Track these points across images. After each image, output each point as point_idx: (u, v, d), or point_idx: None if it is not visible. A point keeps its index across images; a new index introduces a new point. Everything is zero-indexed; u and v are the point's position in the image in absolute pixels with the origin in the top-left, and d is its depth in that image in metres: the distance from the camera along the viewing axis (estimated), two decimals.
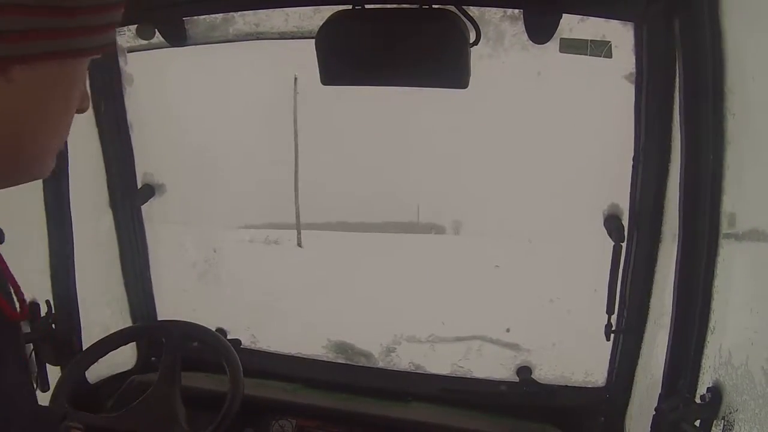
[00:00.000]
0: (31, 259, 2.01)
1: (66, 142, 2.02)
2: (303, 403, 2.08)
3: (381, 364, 2.28)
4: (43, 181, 1.95)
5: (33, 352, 1.97)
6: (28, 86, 0.70)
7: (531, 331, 2.11)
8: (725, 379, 1.39)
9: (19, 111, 0.70)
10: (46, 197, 1.97)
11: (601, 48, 1.69)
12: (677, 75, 1.50)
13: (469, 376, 2.17)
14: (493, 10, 1.73)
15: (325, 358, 2.32)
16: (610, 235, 1.85)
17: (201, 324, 1.89)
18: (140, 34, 2.00)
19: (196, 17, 1.95)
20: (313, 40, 1.48)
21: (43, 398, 1.78)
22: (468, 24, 1.47)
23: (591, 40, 1.69)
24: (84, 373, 1.89)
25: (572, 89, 1.79)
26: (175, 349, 1.81)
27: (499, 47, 1.79)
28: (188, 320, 1.91)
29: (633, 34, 1.67)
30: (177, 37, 1.99)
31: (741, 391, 1.32)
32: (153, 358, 2.20)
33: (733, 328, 1.41)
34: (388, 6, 1.58)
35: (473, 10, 1.56)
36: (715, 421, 1.41)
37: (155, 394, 1.76)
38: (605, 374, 2.02)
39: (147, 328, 2.20)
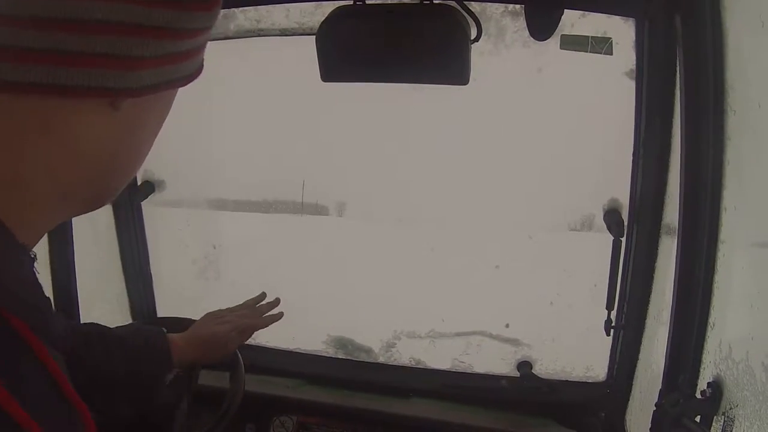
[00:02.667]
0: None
1: None
2: (304, 400, 2.08)
3: (381, 360, 2.28)
4: None
5: None
6: (132, 114, 0.63)
7: (531, 327, 2.11)
8: (726, 375, 1.39)
9: (117, 139, 0.64)
10: None
11: (601, 45, 1.69)
12: (678, 71, 1.50)
13: (469, 371, 2.18)
14: (494, 5, 1.73)
15: (325, 354, 2.32)
16: (609, 229, 1.85)
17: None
18: None
19: None
20: (314, 37, 1.48)
21: None
22: (469, 19, 1.46)
23: (592, 37, 1.69)
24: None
25: (573, 86, 1.79)
26: None
27: (500, 43, 1.79)
28: (188, 317, 1.91)
29: (634, 31, 1.68)
30: None
31: (741, 386, 1.32)
32: None
33: (734, 324, 1.42)
34: (389, 2, 1.57)
35: (474, 6, 1.55)
36: (715, 417, 1.41)
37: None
38: (606, 369, 2.02)
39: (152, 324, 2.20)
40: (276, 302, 1.68)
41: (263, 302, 1.68)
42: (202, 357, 1.52)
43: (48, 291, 1.97)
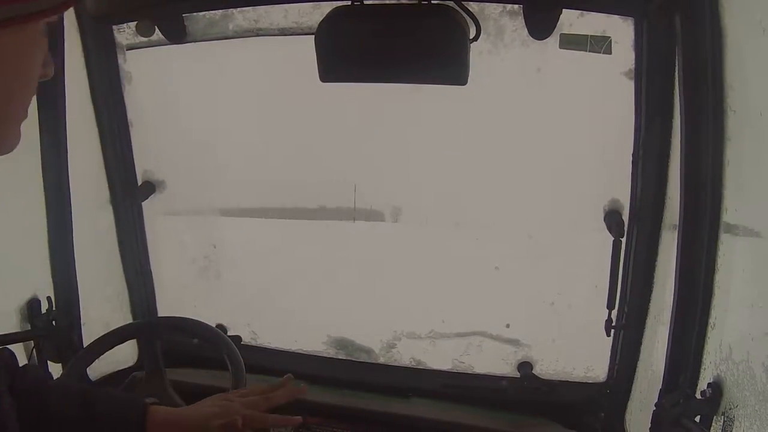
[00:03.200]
0: (31, 255, 2.01)
1: (66, 140, 2.02)
2: (304, 400, 2.08)
3: (382, 360, 2.28)
4: (44, 178, 1.96)
5: (34, 350, 1.97)
6: None
7: (531, 327, 2.11)
8: (726, 375, 1.39)
9: None
10: (47, 194, 1.97)
11: (600, 44, 1.68)
12: (677, 71, 1.50)
13: (469, 372, 2.18)
14: (493, 5, 1.73)
15: (325, 354, 2.32)
16: (609, 230, 1.85)
17: (202, 320, 1.89)
18: (140, 31, 2.01)
19: (195, 14, 1.95)
20: (312, 37, 1.48)
21: None
22: (468, 19, 1.47)
23: (591, 36, 1.68)
24: (85, 370, 1.89)
25: (572, 85, 1.78)
26: (153, 344, 1.82)
27: (499, 43, 1.79)
28: (189, 316, 1.92)
29: (633, 30, 1.67)
30: (176, 34, 1.99)
31: (741, 387, 1.32)
32: None
33: (734, 324, 1.41)
34: (388, 2, 1.57)
35: (473, 6, 1.55)
36: (715, 417, 1.41)
37: (146, 391, 1.75)
38: (606, 370, 2.02)
39: (150, 325, 2.20)
40: (298, 390, 1.41)
41: (279, 389, 1.39)
42: None
43: (48, 291, 1.99)
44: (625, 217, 1.85)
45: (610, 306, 1.86)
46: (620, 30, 1.69)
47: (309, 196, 2.20)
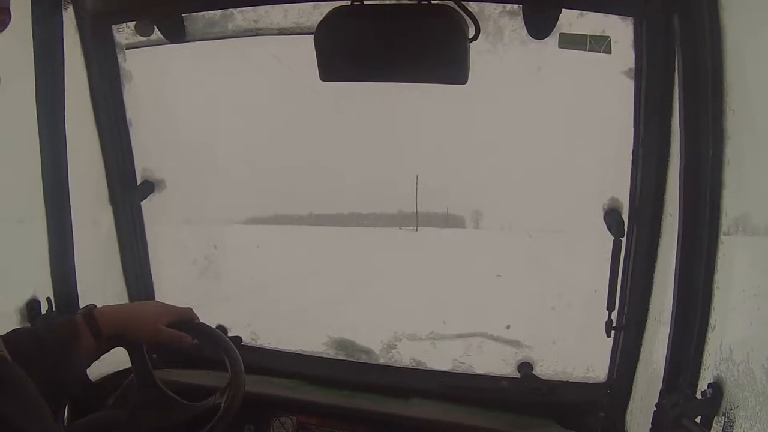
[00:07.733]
0: (31, 256, 2.01)
1: (65, 139, 2.03)
2: (303, 400, 2.08)
3: (382, 361, 2.28)
4: (43, 178, 1.96)
5: None
6: None
7: (532, 328, 2.11)
8: (726, 376, 1.38)
9: None
10: (47, 194, 1.97)
11: (600, 43, 1.68)
12: (676, 70, 1.49)
13: (470, 372, 2.17)
14: (493, 5, 1.73)
15: (325, 355, 2.32)
16: (609, 229, 1.85)
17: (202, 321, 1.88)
18: (139, 30, 2.01)
19: (195, 13, 1.96)
20: (312, 37, 1.48)
21: None
22: (467, 19, 1.47)
23: (590, 36, 1.69)
24: (85, 371, 1.88)
25: (572, 84, 1.78)
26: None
27: (498, 43, 1.79)
28: None
29: (632, 29, 1.67)
30: (176, 34, 1.99)
31: (742, 387, 1.31)
32: (154, 355, 2.19)
33: (734, 325, 1.41)
34: (387, 1, 1.58)
35: (472, 5, 1.56)
36: (715, 418, 1.41)
37: (139, 395, 1.73)
38: (606, 370, 2.02)
39: None
40: None
41: None
42: (126, 330, 1.43)
43: (48, 291, 1.99)
44: (625, 217, 1.85)
45: (610, 307, 1.85)
46: (619, 30, 1.69)
47: (309, 198, 2.20)
